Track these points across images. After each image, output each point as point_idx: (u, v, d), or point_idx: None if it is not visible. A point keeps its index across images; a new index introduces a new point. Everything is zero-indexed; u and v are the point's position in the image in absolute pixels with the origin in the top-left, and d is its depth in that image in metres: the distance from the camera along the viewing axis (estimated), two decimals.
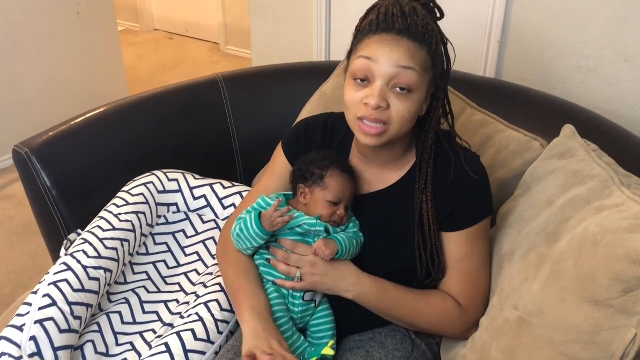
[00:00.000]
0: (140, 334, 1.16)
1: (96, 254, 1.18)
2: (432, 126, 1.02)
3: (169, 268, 1.34)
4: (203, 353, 1.06)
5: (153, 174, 1.42)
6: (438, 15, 1.02)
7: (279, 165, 1.19)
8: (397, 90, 0.94)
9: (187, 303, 1.21)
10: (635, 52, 1.47)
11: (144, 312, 1.21)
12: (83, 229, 1.28)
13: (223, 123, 1.65)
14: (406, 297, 1.04)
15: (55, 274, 1.13)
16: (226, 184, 1.46)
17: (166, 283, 1.30)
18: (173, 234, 1.40)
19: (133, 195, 1.34)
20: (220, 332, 1.11)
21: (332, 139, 1.16)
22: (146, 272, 1.31)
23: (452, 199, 1.03)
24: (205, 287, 1.20)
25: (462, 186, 1.02)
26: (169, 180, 1.42)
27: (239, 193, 1.44)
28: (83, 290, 1.12)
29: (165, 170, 1.44)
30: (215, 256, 1.33)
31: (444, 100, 1.03)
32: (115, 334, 1.16)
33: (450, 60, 1.02)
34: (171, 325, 1.15)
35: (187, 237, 1.40)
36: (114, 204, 1.33)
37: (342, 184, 1.05)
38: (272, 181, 1.19)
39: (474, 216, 1.04)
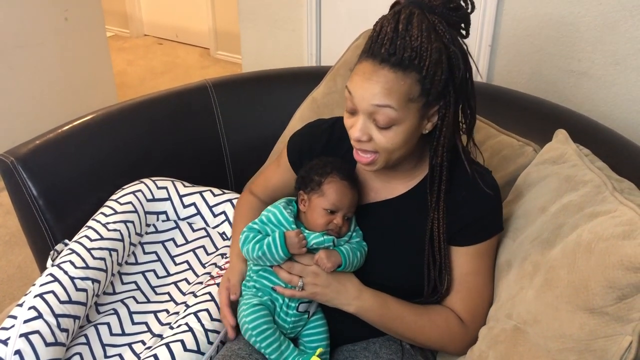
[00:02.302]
0: (129, 345, 1.14)
1: (84, 264, 1.16)
2: (441, 144, 0.96)
3: (158, 277, 1.32)
4: None
5: (142, 182, 1.40)
6: (469, 9, 0.92)
7: (282, 162, 1.21)
8: (377, 125, 0.92)
9: (177, 313, 1.18)
10: (626, 55, 1.47)
11: (133, 323, 1.19)
12: (70, 239, 1.25)
13: (213, 129, 1.63)
14: (408, 313, 1.02)
15: (41, 285, 1.10)
16: (216, 191, 1.44)
17: (155, 293, 1.28)
18: (162, 242, 1.38)
19: (121, 204, 1.32)
20: (210, 343, 1.09)
21: (340, 145, 1.12)
22: (135, 282, 1.29)
23: (465, 213, 1.00)
24: (196, 296, 1.18)
25: (476, 201, 1.00)
26: (158, 188, 1.40)
27: (230, 200, 1.42)
28: (70, 301, 1.10)
29: (154, 178, 1.43)
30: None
31: (453, 116, 0.95)
32: (103, 345, 1.13)
33: (461, 69, 0.91)
34: (160, 336, 1.13)
35: (177, 246, 1.38)
36: (102, 213, 1.30)
37: (340, 191, 1.02)
38: (275, 176, 1.24)
39: (486, 232, 1.02)
